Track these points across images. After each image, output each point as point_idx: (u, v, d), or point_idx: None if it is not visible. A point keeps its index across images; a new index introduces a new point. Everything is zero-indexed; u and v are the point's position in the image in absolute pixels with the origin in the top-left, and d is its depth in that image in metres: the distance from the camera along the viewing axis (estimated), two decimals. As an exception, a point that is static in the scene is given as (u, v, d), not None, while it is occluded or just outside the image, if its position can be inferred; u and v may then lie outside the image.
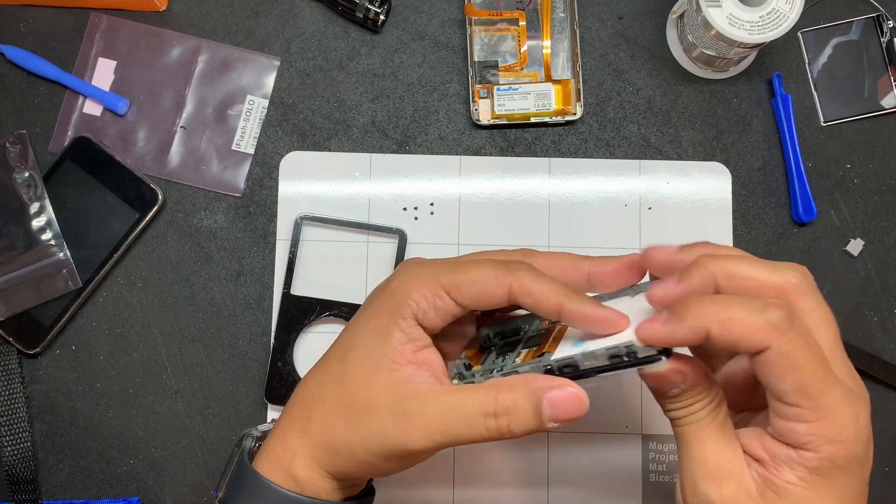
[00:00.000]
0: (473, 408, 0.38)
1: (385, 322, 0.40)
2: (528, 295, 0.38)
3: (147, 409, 0.58)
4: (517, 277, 0.39)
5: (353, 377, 0.41)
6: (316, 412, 0.41)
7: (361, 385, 0.40)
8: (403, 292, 0.40)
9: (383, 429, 0.39)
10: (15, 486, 0.56)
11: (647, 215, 0.60)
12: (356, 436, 0.40)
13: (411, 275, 0.41)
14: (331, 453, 0.41)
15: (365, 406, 0.40)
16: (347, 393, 0.40)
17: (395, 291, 0.41)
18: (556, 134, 0.61)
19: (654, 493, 0.58)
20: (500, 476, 0.58)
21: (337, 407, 0.41)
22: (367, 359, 0.40)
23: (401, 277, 0.41)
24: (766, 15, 0.54)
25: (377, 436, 0.39)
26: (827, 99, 0.61)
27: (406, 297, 0.40)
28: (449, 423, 0.38)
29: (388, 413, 0.39)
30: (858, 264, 0.60)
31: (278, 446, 0.42)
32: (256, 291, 0.59)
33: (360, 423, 0.40)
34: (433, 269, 0.40)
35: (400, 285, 0.41)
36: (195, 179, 0.60)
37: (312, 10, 0.61)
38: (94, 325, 0.59)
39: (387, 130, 0.61)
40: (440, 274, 0.40)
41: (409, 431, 0.39)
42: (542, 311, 0.39)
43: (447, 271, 0.40)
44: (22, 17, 0.61)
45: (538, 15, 0.60)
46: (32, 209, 0.58)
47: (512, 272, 0.39)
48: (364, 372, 0.40)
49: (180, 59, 0.61)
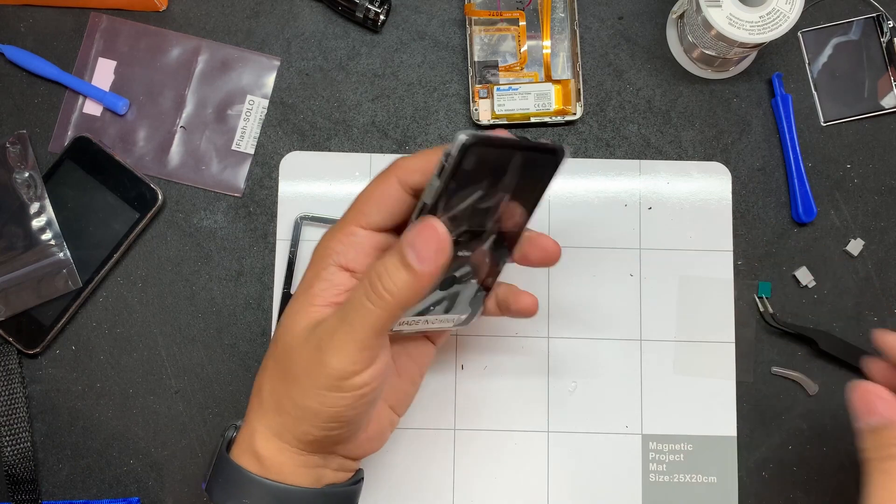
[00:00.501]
0: (357, 295, 0.39)
1: (311, 279, 0.42)
2: (414, 172, 0.40)
3: (147, 409, 0.58)
4: (397, 167, 0.41)
5: (282, 334, 0.42)
6: (264, 382, 0.43)
7: (288, 336, 0.41)
8: (322, 247, 0.42)
9: (309, 362, 0.39)
10: (15, 485, 0.56)
11: (647, 215, 0.60)
12: (294, 385, 0.40)
13: (326, 234, 0.43)
14: (281, 416, 0.41)
15: (289, 354, 0.41)
16: (280, 351, 0.41)
17: (317, 250, 0.42)
18: (556, 134, 0.61)
19: (654, 493, 0.58)
20: (500, 476, 0.58)
21: (274, 369, 0.42)
22: (294, 315, 0.41)
23: (321, 241, 0.43)
24: (766, 15, 0.54)
25: (308, 372, 0.40)
26: (827, 99, 0.61)
27: (325, 250, 0.42)
28: (350, 321, 0.39)
29: (311, 349, 0.40)
30: (858, 264, 0.60)
31: (244, 428, 0.43)
32: (256, 291, 0.59)
33: (292, 369, 0.40)
34: (340, 219, 0.42)
35: (320, 245, 0.42)
36: (195, 179, 0.60)
37: (312, 10, 0.61)
38: (94, 325, 0.59)
39: (387, 130, 0.61)
40: (345, 217, 0.42)
41: (324, 352, 0.39)
42: (416, 186, 0.40)
43: (348, 211, 0.42)
44: (22, 17, 0.61)
45: (538, 15, 0.60)
46: (32, 209, 0.58)
47: (391, 167, 0.41)
48: (289, 327, 0.41)
49: (180, 59, 0.61)
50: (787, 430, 0.58)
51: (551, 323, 0.59)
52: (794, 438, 0.58)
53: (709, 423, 0.58)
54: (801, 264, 0.59)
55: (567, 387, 0.58)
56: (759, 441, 0.58)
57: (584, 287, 0.59)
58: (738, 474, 0.58)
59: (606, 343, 0.59)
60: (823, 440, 0.58)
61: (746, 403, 0.58)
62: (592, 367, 0.58)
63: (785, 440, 0.58)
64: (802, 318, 0.59)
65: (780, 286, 0.59)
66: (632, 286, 0.59)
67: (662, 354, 0.59)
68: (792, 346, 0.59)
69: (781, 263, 0.59)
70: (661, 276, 0.59)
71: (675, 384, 0.58)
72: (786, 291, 0.59)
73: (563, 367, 0.58)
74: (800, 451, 0.58)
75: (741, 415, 0.58)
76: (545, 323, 0.59)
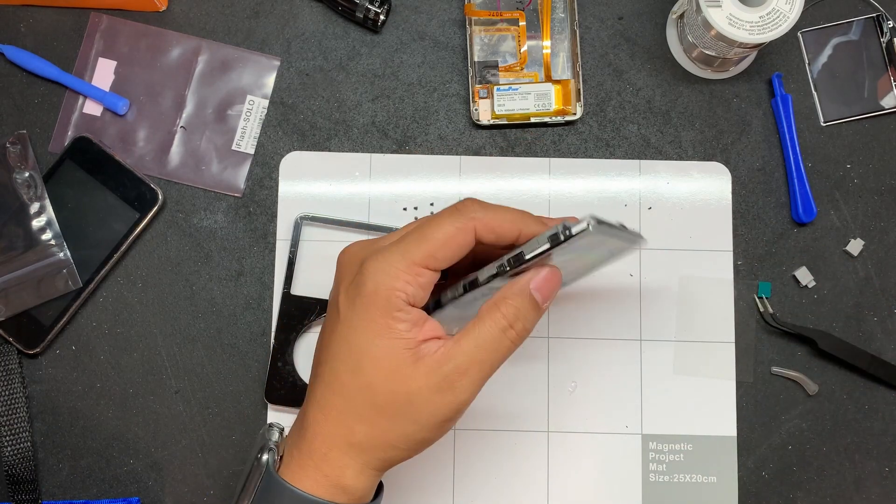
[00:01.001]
0: (491, 332, 0.42)
1: (384, 320, 0.41)
2: (491, 231, 0.42)
3: (147, 409, 0.58)
4: (477, 219, 0.42)
5: (380, 381, 0.42)
6: (356, 426, 0.42)
7: (394, 383, 0.41)
8: (386, 287, 0.41)
9: (434, 404, 0.41)
10: (15, 485, 0.56)
11: (647, 215, 0.60)
12: (411, 425, 0.42)
13: (382, 269, 0.42)
14: (388, 452, 0.43)
15: (407, 398, 0.42)
16: (382, 397, 0.42)
17: (377, 289, 0.41)
18: (556, 134, 0.61)
19: (654, 493, 0.58)
20: (500, 476, 0.58)
21: (376, 414, 0.42)
22: (386, 360, 0.41)
23: (375, 275, 0.42)
24: (766, 15, 0.54)
25: (431, 413, 0.42)
26: (827, 99, 0.61)
27: (391, 291, 0.41)
28: (482, 358, 0.42)
29: (433, 391, 0.41)
30: (858, 264, 0.60)
31: (322, 465, 0.43)
32: (256, 291, 0.59)
33: (409, 413, 0.42)
34: (400, 252, 0.42)
35: (378, 283, 0.41)
36: (195, 179, 0.60)
37: (312, 10, 0.61)
38: (94, 325, 0.59)
39: (387, 130, 0.61)
40: (410, 253, 0.41)
41: (455, 391, 0.41)
42: (505, 240, 0.43)
43: (414, 247, 0.42)
44: (22, 17, 0.61)
45: (538, 15, 0.60)
46: (32, 209, 0.58)
47: (468, 216, 0.42)
48: (390, 372, 0.41)
49: (180, 59, 0.61)
50: (787, 430, 0.58)
51: (551, 323, 0.59)
52: (794, 438, 0.58)
53: (709, 423, 0.58)
54: (801, 264, 0.59)
55: (567, 387, 0.58)
56: (759, 441, 0.58)
57: (584, 287, 0.59)
58: (737, 474, 0.58)
59: (606, 343, 0.59)
60: (823, 440, 0.58)
61: (746, 403, 0.58)
62: (592, 367, 0.58)
63: (785, 440, 0.58)
64: (802, 318, 0.59)
65: (779, 286, 0.59)
66: (632, 286, 0.59)
67: (662, 354, 0.59)
68: (792, 346, 0.59)
69: (781, 263, 0.60)
70: (661, 276, 0.59)
71: (675, 384, 0.58)
72: (786, 291, 0.59)
73: (563, 367, 0.58)
74: (800, 451, 0.58)
75: (741, 415, 0.58)
76: (545, 323, 0.59)
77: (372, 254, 0.43)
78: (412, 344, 0.41)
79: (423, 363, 0.41)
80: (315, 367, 0.45)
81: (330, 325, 0.44)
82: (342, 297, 0.43)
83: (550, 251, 0.41)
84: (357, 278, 0.42)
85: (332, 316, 0.44)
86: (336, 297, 0.44)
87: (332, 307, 0.44)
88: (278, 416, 0.58)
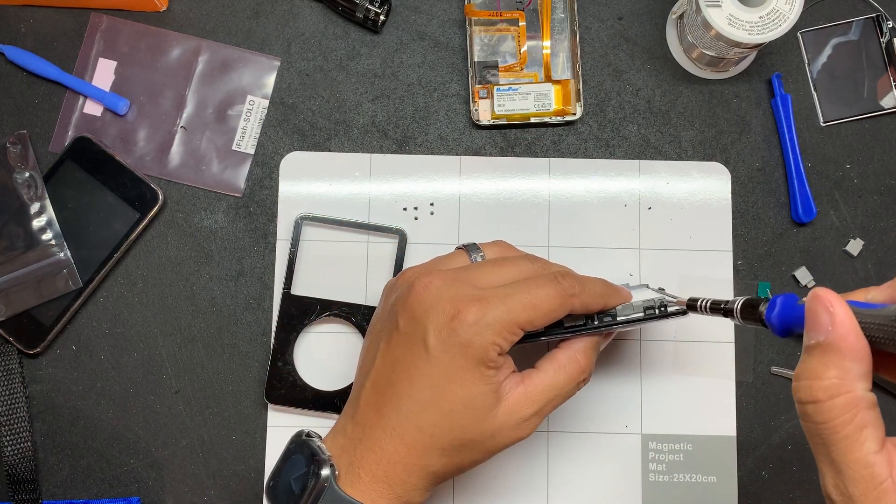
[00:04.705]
0: (568, 381, 0.47)
1: (478, 370, 0.45)
2: (583, 307, 0.47)
3: (147, 409, 0.58)
4: (575, 297, 0.46)
5: (470, 423, 0.45)
6: (440, 459, 0.46)
7: (483, 424, 0.45)
8: (487, 341, 0.44)
9: (509, 438, 0.46)
10: (15, 485, 0.56)
11: (647, 215, 0.60)
12: (482, 455, 0.47)
13: (487, 324, 0.44)
14: (454, 474, 0.47)
15: (490, 435, 0.46)
16: (469, 435, 0.45)
17: (477, 342, 0.44)
18: (555, 134, 0.61)
19: (653, 493, 0.58)
20: (500, 476, 0.58)
21: (460, 449, 0.46)
22: (478, 403, 0.45)
23: (478, 328, 0.44)
24: (766, 15, 0.54)
25: (503, 445, 0.46)
26: (826, 99, 0.61)
27: (490, 345, 0.44)
28: (556, 403, 0.47)
29: (512, 428, 0.46)
30: (858, 264, 0.60)
31: (397, 487, 0.45)
32: (256, 291, 0.59)
33: (488, 446, 0.46)
34: (506, 312, 0.44)
35: (481, 336, 0.44)
36: (195, 179, 0.60)
37: (312, 10, 0.62)
38: (94, 325, 0.59)
39: (387, 130, 0.61)
40: (515, 315, 0.45)
41: (529, 427, 0.46)
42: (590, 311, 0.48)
43: (520, 310, 0.45)
44: (22, 17, 0.61)
45: (538, 15, 0.60)
46: (33, 209, 0.58)
47: (569, 292, 0.46)
48: (480, 413, 0.45)
49: (180, 60, 0.61)
50: (786, 430, 0.58)
51: (551, 323, 0.59)
52: (793, 438, 0.58)
53: (708, 423, 0.58)
54: (801, 264, 0.59)
55: (567, 387, 0.58)
56: (759, 441, 0.58)
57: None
58: (737, 474, 0.58)
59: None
60: (823, 440, 0.58)
61: (746, 403, 0.58)
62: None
63: (785, 440, 0.58)
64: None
65: (779, 286, 0.59)
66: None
67: (662, 354, 0.59)
68: (792, 346, 0.59)
69: (781, 263, 0.60)
70: (660, 276, 0.59)
71: (674, 384, 0.58)
72: (785, 291, 0.59)
73: (563, 367, 0.58)
74: (800, 451, 0.58)
75: (741, 414, 0.58)
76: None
77: (474, 303, 0.44)
78: (497, 386, 0.45)
79: (505, 403, 0.45)
80: (385, 391, 0.46)
81: (410, 359, 0.45)
82: (433, 339, 0.44)
83: (643, 322, 0.47)
84: (455, 325, 0.44)
85: (414, 352, 0.45)
86: (423, 334, 0.45)
87: (416, 343, 0.45)
88: (278, 416, 0.58)
